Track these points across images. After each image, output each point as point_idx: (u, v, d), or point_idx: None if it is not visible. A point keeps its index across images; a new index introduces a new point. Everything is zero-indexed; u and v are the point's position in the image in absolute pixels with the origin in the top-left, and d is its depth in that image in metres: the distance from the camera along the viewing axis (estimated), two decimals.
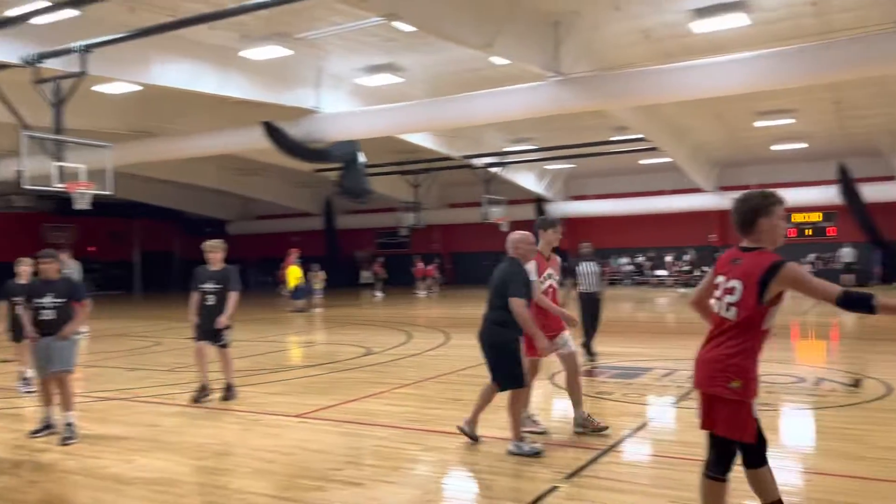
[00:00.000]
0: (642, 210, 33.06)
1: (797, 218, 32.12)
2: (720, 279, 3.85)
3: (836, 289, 3.49)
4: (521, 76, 16.64)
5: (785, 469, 5.65)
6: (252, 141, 19.81)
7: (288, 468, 5.77)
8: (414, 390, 9.12)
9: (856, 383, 8.87)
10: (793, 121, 23.71)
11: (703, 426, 3.87)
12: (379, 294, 30.48)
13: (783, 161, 30.90)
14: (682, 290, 29.25)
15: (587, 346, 10.97)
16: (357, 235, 40.01)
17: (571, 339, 6.72)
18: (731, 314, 3.73)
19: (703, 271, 32.52)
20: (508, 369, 6.00)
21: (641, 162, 30.47)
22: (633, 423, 7.09)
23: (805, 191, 30.14)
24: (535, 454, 5.86)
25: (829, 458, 5.79)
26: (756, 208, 3.74)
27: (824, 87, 19.39)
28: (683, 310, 22.30)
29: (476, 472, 5.68)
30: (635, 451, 6.28)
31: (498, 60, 16.19)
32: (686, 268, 32.36)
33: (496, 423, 6.38)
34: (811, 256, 31.25)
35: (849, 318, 17.70)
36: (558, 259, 6.89)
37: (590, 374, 9.69)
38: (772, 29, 15.29)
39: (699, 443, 6.11)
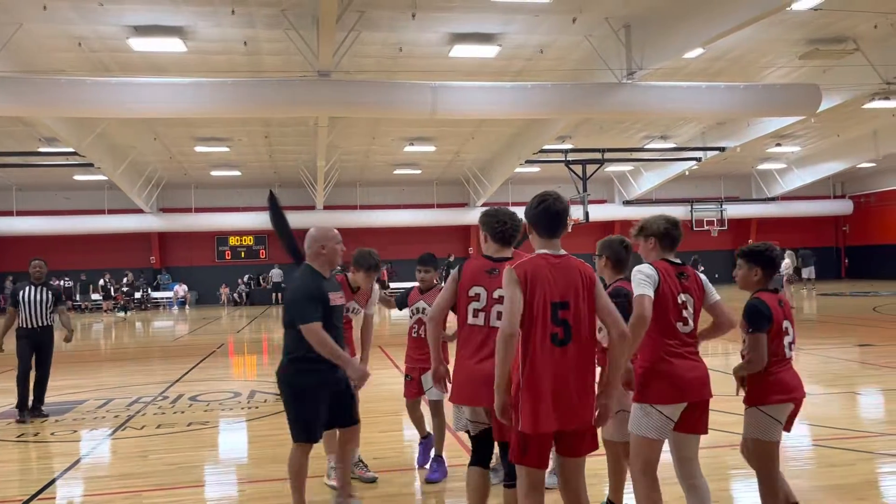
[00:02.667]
0: (77, 230, 30.68)
1: (233, 241, 34.09)
2: (479, 290, 3.87)
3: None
4: None
5: (224, 483, 5.86)
6: None
7: None
8: None
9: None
10: (228, 149, 25.14)
11: (497, 438, 3.88)
12: None
13: (223, 186, 32.48)
14: (122, 313, 28.04)
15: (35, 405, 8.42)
16: None
17: None
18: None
19: (145, 293, 31.82)
20: (290, 416, 4.52)
21: (77, 178, 28.32)
22: (63, 462, 6.45)
23: (240, 216, 32.29)
24: None
25: (261, 465, 6.21)
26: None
27: (257, 120, 21.14)
28: (121, 334, 21.39)
29: None
30: (67, 494, 5.71)
31: None
32: (125, 290, 31.12)
33: None
34: (246, 277, 33.45)
35: (278, 334, 19.49)
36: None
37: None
38: (208, 59, 15.98)
39: (135, 473, 5.95)
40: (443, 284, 6.35)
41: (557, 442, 3.41)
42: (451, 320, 4.11)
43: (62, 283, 28.96)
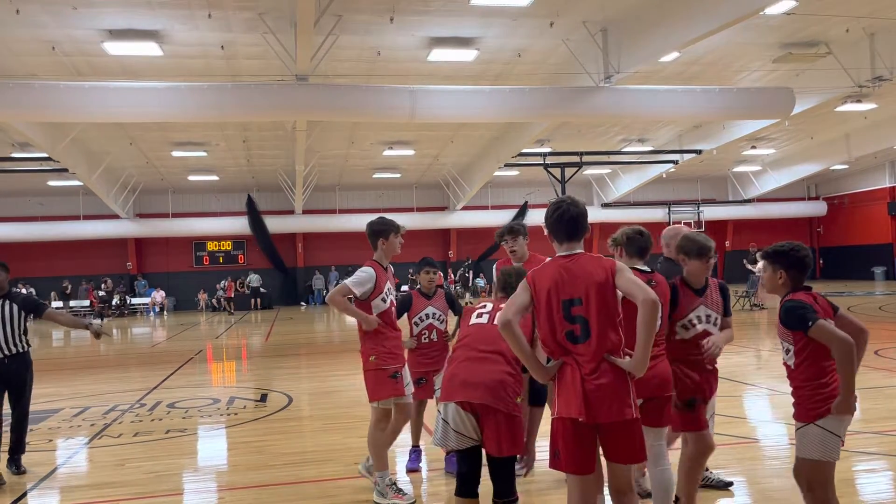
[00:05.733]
0: (51, 236, 30.25)
1: (212, 246, 33.80)
2: (487, 303, 4.27)
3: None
4: None
5: (204, 491, 5.81)
6: None
7: None
8: None
9: (262, 398, 9.70)
10: (205, 154, 24.95)
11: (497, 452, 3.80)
12: None
13: (200, 191, 32.21)
14: (98, 320, 27.69)
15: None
16: None
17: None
18: None
19: (123, 299, 31.43)
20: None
21: (51, 183, 27.96)
22: (39, 471, 6.35)
23: (218, 221, 32.03)
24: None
25: (241, 473, 6.15)
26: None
27: (235, 125, 21.01)
28: (98, 341, 21.08)
29: None
30: (43, 503, 5.63)
31: None
32: (101, 296, 30.73)
33: None
34: (223, 282, 33.17)
35: (257, 339, 19.36)
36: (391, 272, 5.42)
37: None
38: (184, 63, 15.86)
39: (112, 483, 5.88)
40: (448, 289, 6.27)
41: (603, 447, 3.37)
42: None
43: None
